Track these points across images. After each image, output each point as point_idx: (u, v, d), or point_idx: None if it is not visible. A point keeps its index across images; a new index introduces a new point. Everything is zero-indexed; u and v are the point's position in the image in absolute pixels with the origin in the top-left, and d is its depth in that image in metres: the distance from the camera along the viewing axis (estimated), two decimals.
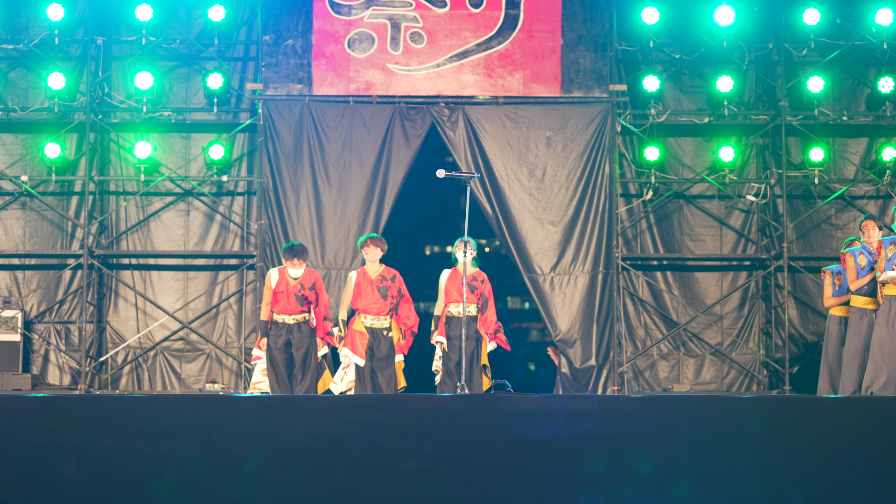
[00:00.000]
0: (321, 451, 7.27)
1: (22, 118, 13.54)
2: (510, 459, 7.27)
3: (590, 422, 7.37)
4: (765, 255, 13.61)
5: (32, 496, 7.14)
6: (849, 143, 13.98)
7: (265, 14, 13.16)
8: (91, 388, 13.18)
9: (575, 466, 7.29)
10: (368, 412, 7.40)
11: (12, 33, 13.49)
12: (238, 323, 13.70)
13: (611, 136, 13.19)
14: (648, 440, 7.35)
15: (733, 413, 7.54)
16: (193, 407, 7.47)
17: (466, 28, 13.15)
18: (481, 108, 13.19)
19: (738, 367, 13.65)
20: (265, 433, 7.29)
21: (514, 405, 7.43)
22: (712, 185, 13.69)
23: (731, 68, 13.53)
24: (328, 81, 13.12)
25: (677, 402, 8.09)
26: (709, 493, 7.27)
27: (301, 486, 7.20)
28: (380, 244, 10.82)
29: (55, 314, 13.66)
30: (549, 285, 13.07)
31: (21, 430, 7.25)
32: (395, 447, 7.27)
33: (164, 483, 7.17)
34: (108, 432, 7.24)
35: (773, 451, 7.34)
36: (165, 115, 13.55)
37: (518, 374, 15.80)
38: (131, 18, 13.38)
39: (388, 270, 10.84)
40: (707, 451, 7.35)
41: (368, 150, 13.11)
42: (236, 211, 13.81)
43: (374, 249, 10.77)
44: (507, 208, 13.15)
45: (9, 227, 13.70)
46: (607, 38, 13.18)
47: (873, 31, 13.45)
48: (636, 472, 7.29)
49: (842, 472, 7.32)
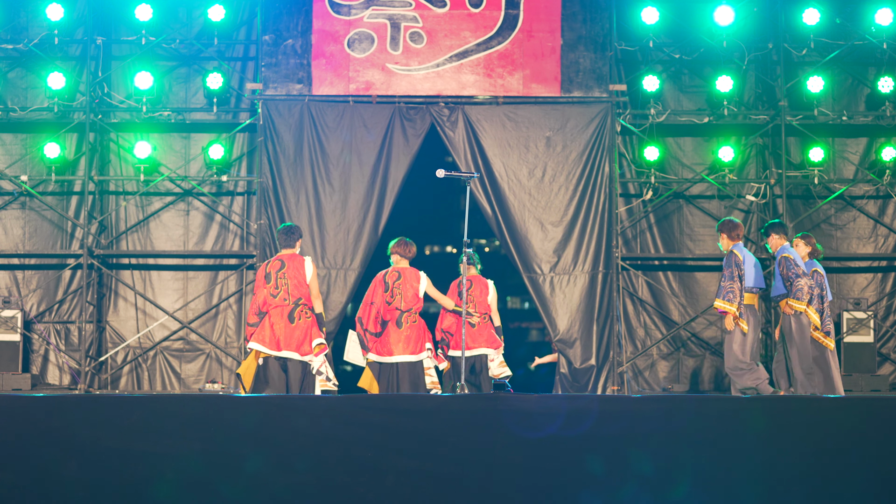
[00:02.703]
0: (321, 451, 7.27)
1: (22, 118, 13.55)
2: (510, 459, 7.26)
3: (590, 422, 7.37)
4: (765, 255, 13.61)
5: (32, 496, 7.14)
6: (848, 142, 13.99)
7: (265, 14, 13.16)
8: (91, 388, 13.18)
9: (575, 466, 7.28)
10: (368, 412, 7.40)
11: (12, 33, 13.49)
12: (238, 323, 13.70)
13: (610, 136, 13.19)
14: (648, 440, 7.35)
15: (733, 413, 7.54)
16: (193, 407, 7.47)
17: (466, 28, 13.15)
18: (481, 108, 13.19)
19: None
20: (265, 433, 7.29)
21: (514, 405, 7.43)
22: (712, 185, 13.69)
23: (730, 68, 13.53)
24: (328, 81, 13.12)
25: (677, 402, 8.09)
26: (709, 493, 7.27)
27: (301, 486, 7.20)
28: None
29: (55, 314, 13.66)
30: (548, 285, 13.07)
31: (21, 430, 7.25)
32: (395, 447, 7.26)
33: (164, 483, 7.17)
34: (108, 432, 7.24)
35: (773, 451, 7.34)
36: (165, 115, 13.55)
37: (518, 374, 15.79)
38: (131, 18, 13.38)
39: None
40: (707, 451, 7.35)
41: (368, 150, 13.11)
42: (236, 211, 13.81)
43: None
44: (506, 208, 13.15)
45: (9, 227, 13.70)
46: (607, 37, 13.18)
47: (873, 31, 13.45)
48: (636, 472, 7.28)
49: (842, 472, 7.32)
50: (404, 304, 10.46)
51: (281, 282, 9.96)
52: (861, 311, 13.18)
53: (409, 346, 10.41)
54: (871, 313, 13.20)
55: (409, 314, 10.45)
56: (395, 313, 10.44)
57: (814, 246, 10.86)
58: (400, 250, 10.61)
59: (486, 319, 11.24)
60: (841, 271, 13.92)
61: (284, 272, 9.96)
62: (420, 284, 10.49)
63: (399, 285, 10.48)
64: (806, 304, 10.39)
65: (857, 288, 13.83)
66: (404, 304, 10.46)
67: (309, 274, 9.96)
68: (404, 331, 10.41)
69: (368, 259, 13.09)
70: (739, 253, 10.37)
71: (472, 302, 11.17)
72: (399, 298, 10.46)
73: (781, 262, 10.49)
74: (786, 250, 10.55)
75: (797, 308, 10.38)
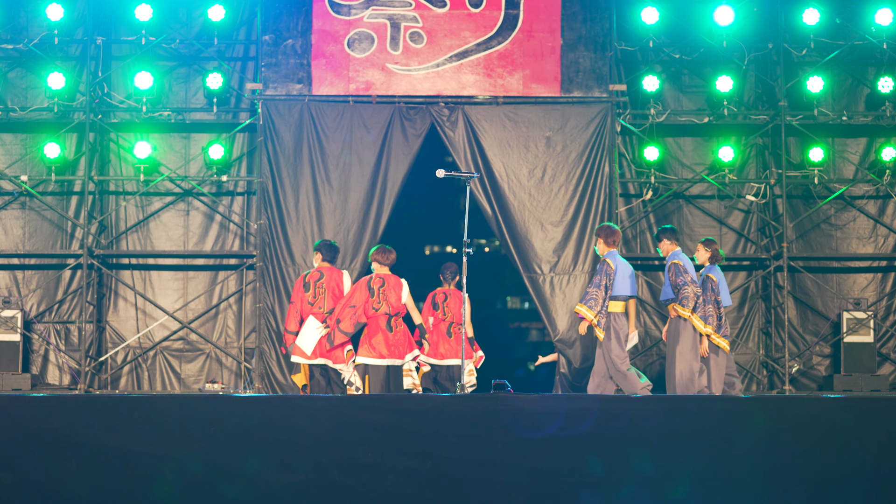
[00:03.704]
0: (321, 451, 7.27)
1: (22, 118, 13.54)
2: (510, 459, 7.27)
3: (590, 422, 7.38)
4: (764, 255, 13.61)
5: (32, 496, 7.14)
6: (848, 142, 13.98)
7: (265, 14, 13.15)
8: (91, 388, 13.18)
9: (575, 466, 7.29)
10: (368, 412, 7.40)
11: (12, 33, 13.48)
12: (238, 323, 13.70)
13: (610, 136, 13.19)
14: (648, 440, 7.35)
15: (733, 413, 7.54)
16: (193, 407, 7.47)
17: (466, 28, 13.15)
18: (481, 108, 13.19)
19: (738, 367, 13.63)
20: (265, 433, 7.30)
21: (514, 405, 7.43)
22: (712, 185, 13.69)
23: (730, 68, 13.53)
24: (328, 81, 13.12)
25: (677, 402, 8.10)
26: (709, 493, 7.27)
27: (301, 486, 7.21)
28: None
29: (55, 314, 13.66)
30: (548, 285, 13.07)
31: (21, 430, 7.25)
32: (395, 447, 7.27)
33: (164, 483, 7.18)
34: (108, 432, 7.24)
35: (773, 451, 7.34)
36: (165, 115, 13.55)
37: (518, 374, 15.80)
38: (131, 18, 13.37)
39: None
40: (707, 451, 7.35)
41: (368, 150, 13.11)
42: (236, 211, 13.81)
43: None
44: (506, 208, 13.15)
45: (8, 227, 13.70)
46: (607, 37, 13.18)
47: (873, 31, 13.45)
48: (636, 472, 7.29)
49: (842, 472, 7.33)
50: (391, 309, 10.81)
51: (319, 291, 10.97)
52: (861, 311, 13.18)
53: (396, 349, 10.83)
54: (871, 313, 13.19)
55: (396, 318, 10.85)
56: (382, 318, 10.80)
57: (715, 251, 10.95)
58: (380, 258, 11.02)
59: (459, 330, 11.62)
60: (841, 271, 13.92)
61: (323, 282, 10.96)
62: (402, 291, 10.89)
63: (384, 291, 10.84)
64: (690, 312, 10.55)
65: (857, 288, 13.83)
66: (391, 309, 10.81)
67: (347, 285, 11.02)
68: (393, 335, 10.82)
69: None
70: (612, 262, 10.60)
71: (449, 313, 11.73)
72: (384, 304, 10.81)
73: (671, 268, 10.69)
74: (676, 256, 10.75)
75: (682, 314, 10.58)
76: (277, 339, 12.90)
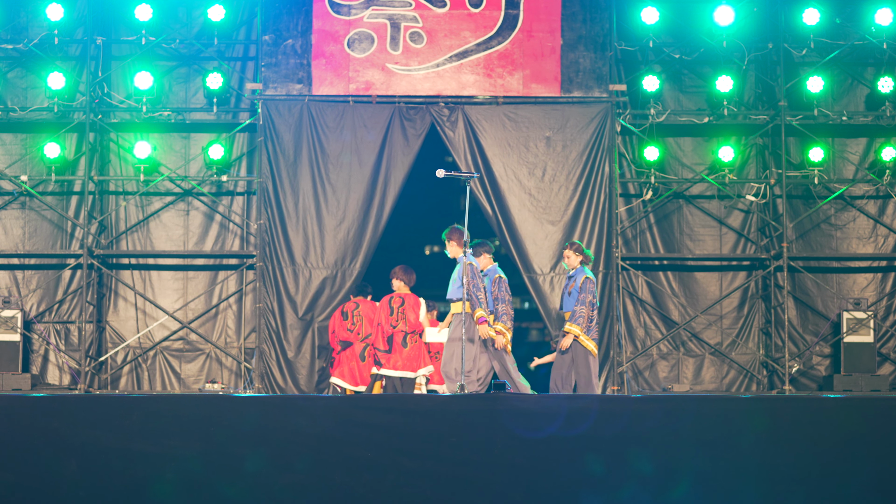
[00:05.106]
0: (321, 451, 7.27)
1: (22, 118, 13.54)
2: (510, 459, 7.27)
3: (590, 422, 7.38)
4: (764, 255, 13.61)
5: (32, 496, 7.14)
6: (848, 142, 13.98)
7: (265, 14, 13.15)
8: (91, 388, 13.17)
9: (575, 466, 7.29)
10: (368, 412, 7.41)
11: (12, 33, 13.48)
12: (238, 323, 13.69)
13: (610, 136, 13.19)
14: (648, 440, 7.35)
15: (733, 413, 7.54)
16: (193, 407, 7.47)
17: (466, 28, 13.15)
18: (481, 108, 13.19)
19: (738, 367, 13.65)
20: (265, 433, 7.30)
21: (514, 405, 7.43)
22: (712, 185, 13.69)
23: (730, 68, 13.52)
24: (328, 81, 13.12)
25: (677, 402, 8.09)
26: (709, 493, 7.27)
27: (301, 486, 7.21)
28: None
29: (55, 314, 13.65)
30: (548, 285, 13.08)
31: (21, 430, 7.26)
32: (395, 447, 7.27)
33: (164, 483, 7.18)
34: (108, 432, 7.25)
35: (773, 451, 7.34)
36: (165, 115, 13.54)
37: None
38: (131, 18, 13.37)
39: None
40: (707, 451, 7.35)
41: (368, 150, 13.12)
42: (236, 211, 13.81)
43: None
44: (506, 208, 13.15)
45: (8, 227, 13.70)
46: (607, 37, 13.18)
47: (873, 31, 13.44)
48: (636, 472, 7.29)
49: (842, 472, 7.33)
50: (409, 327, 11.50)
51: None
52: (861, 311, 13.17)
53: (410, 363, 11.50)
54: (871, 313, 13.19)
55: (412, 335, 11.49)
56: (399, 335, 11.48)
57: (584, 254, 10.84)
58: (404, 277, 11.62)
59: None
60: (841, 271, 13.91)
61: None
62: (420, 310, 11.57)
63: (403, 310, 11.50)
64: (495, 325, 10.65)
65: (857, 288, 13.83)
66: (409, 327, 11.50)
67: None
68: (408, 351, 11.48)
69: (369, 259, 13.10)
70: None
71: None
72: (403, 322, 11.47)
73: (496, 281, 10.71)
74: (496, 271, 10.81)
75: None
76: (277, 340, 12.91)
